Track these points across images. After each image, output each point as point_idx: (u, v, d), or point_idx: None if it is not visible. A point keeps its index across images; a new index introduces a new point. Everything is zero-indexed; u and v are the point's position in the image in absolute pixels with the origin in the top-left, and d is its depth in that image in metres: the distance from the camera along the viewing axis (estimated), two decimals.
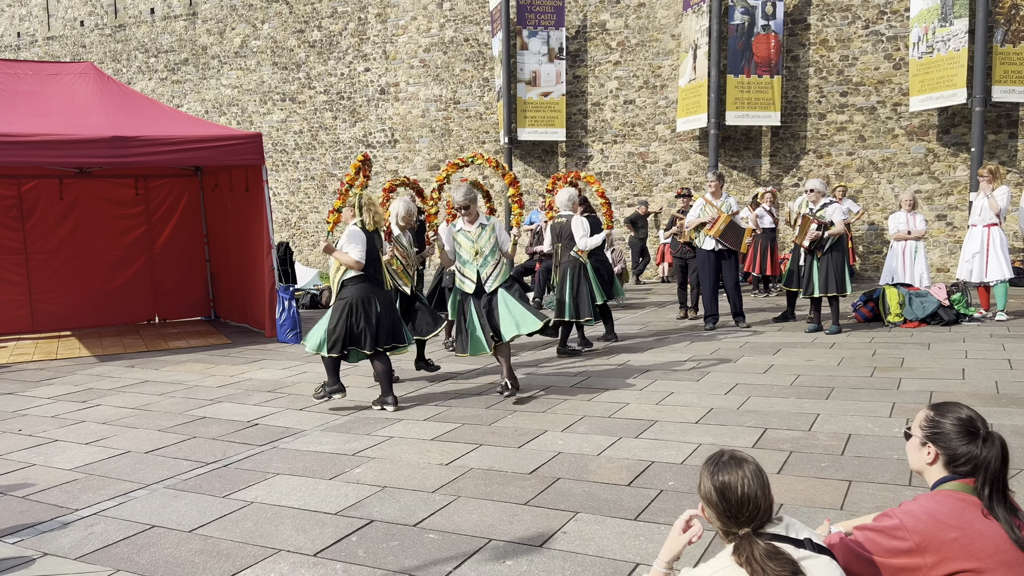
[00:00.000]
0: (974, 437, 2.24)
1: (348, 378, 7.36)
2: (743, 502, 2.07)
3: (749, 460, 2.14)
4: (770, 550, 2.02)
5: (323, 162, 19.27)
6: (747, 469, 2.10)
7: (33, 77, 10.40)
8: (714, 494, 2.10)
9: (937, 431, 2.29)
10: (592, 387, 6.76)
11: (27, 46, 22.69)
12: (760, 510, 2.08)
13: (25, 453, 5.36)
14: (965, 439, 2.24)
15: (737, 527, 2.09)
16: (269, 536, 3.80)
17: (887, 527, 2.20)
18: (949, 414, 2.29)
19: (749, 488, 2.07)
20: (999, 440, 2.24)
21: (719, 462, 2.15)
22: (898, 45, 13.97)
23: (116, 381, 7.73)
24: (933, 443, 2.29)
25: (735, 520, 2.09)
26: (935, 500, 2.22)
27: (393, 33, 18.01)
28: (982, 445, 2.22)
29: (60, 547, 3.76)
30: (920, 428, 2.34)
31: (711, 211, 9.44)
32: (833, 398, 6.03)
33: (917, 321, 9.24)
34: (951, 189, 13.80)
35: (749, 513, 2.07)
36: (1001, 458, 2.22)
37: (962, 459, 2.24)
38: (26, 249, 10.94)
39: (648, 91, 15.90)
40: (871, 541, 2.21)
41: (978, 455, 2.22)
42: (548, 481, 4.43)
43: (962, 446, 2.24)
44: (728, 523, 2.11)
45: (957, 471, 2.26)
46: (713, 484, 2.11)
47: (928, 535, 2.14)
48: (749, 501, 2.07)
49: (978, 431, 2.24)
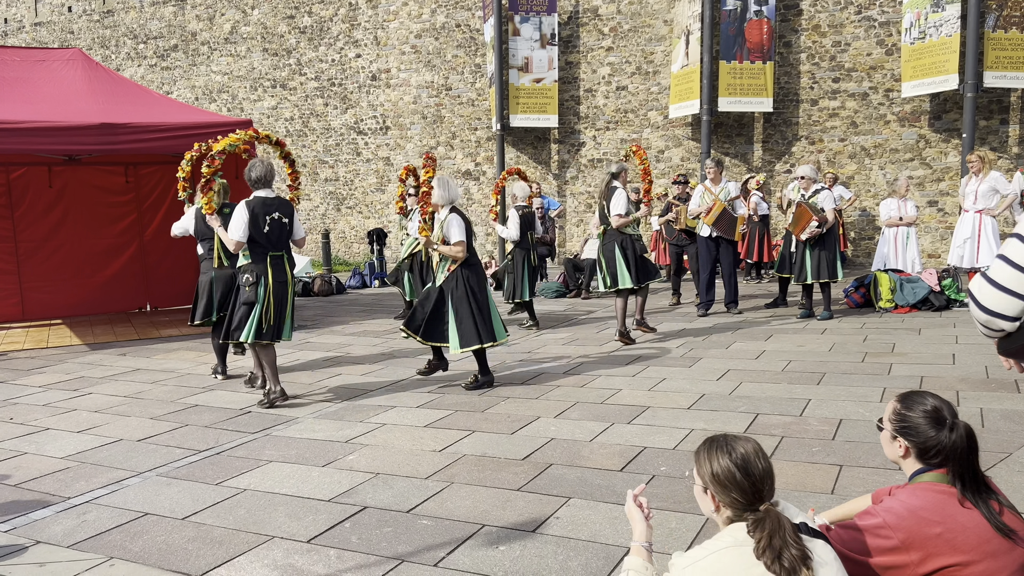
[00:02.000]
0: (940, 427, 2.24)
1: (344, 368, 7.35)
2: (765, 475, 2.06)
3: (750, 439, 2.15)
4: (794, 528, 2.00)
5: (314, 149, 19.17)
6: (754, 446, 2.11)
7: (21, 63, 10.30)
8: (737, 472, 2.05)
9: (905, 424, 2.30)
10: (584, 373, 6.77)
11: (14, 32, 22.45)
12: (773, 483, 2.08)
13: (17, 442, 5.34)
14: (932, 430, 2.25)
15: (760, 502, 2.05)
16: (263, 523, 3.81)
17: (870, 526, 2.20)
18: (916, 406, 2.30)
19: (765, 463, 2.08)
20: (964, 427, 2.25)
21: (726, 442, 2.12)
22: (890, 31, 13.96)
23: (108, 369, 7.71)
24: (903, 436, 2.30)
25: (758, 495, 2.04)
26: (915, 495, 2.22)
27: (384, 19, 17.89)
28: (948, 434, 2.23)
29: (53, 535, 3.75)
30: (890, 421, 2.35)
31: (710, 198, 9.45)
32: (824, 383, 6.06)
33: (908, 307, 9.28)
34: (942, 175, 13.83)
35: (770, 487, 2.06)
36: (967, 446, 2.23)
37: (932, 450, 2.25)
38: (15, 237, 10.86)
39: (640, 77, 15.85)
40: (855, 540, 2.21)
41: (946, 445, 2.23)
42: (541, 467, 4.44)
43: (931, 438, 2.25)
44: (751, 499, 2.05)
45: (930, 462, 2.27)
46: (733, 461, 2.06)
47: (911, 532, 2.14)
48: (769, 474, 2.07)
49: (944, 420, 2.25)
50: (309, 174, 19.35)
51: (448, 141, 17.63)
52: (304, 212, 19.59)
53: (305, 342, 8.80)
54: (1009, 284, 2.32)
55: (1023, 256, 2.31)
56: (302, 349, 8.37)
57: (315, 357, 7.92)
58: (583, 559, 3.30)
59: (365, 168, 18.72)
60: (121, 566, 3.41)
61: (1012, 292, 2.31)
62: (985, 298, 2.37)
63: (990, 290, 2.35)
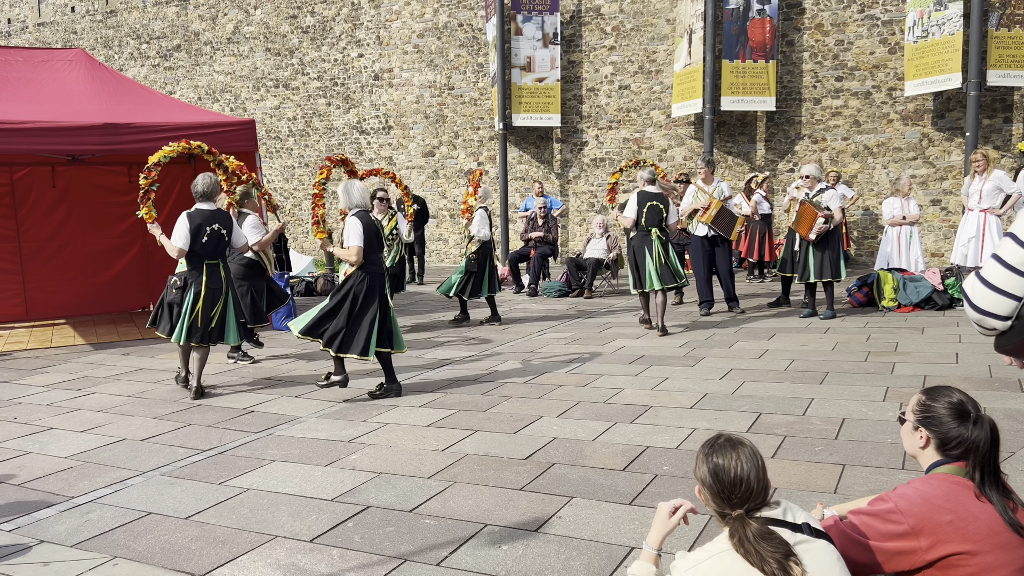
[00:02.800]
0: (964, 420, 2.24)
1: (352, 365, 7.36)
2: (735, 483, 2.09)
3: (745, 443, 2.16)
4: (763, 531, 2.03)
5: (317, 148, 19.18)
6: (742, 451, 2.12)
7: (24, 64, 10.31)
8: (708, 475, 2.13)
9: (928, 415, 2.30)
10: (587, 372, 6.77)
11: (17, 32, 22.49)
12: (753, 492, 2.09)
13: (20, 441, 5.35)
14: (955, 422, 2.25)
15: (730, 508, 2.11)
16: (266, 522, 3.81)
17: (882, 511, 2.21)
18: (941, 398, 2.30)
19: (742, 470, 2.09)
20: (989, 422, 2.25)
21: (715, 444, 2.18)
22: (893, 29, 13.93)
23: (111, 369, 7.72)
24: (925, 427, 2.30)
25: (727, 501, 2.11)
26: (929, 483, 2.23)
27: (387, 18, 17.89)
28: (972, 427, 2.23)
29: (57, 534, 3.76)
30: (913, 413, 2.35)
31: (703, 198, 9.46)
32: (827, 383, 6.06)
33: (911, 306, 9.27)
34: (945, 174, 13.80)
35: (741, 495, 2.09)
36: (990, 440, 2.23)
37: (953, 442, 2.25)
38: (19, 237, 10.88)
39: (643, 76, 15.84)
40: (866, 525, 2.22)
41: (968, 437, 2.23)
42: (543, 466, 4.44)
43: (952, 429, 2.25)
44: (721, 504, 2.13)
45: (949, 454, 2.27)
46: (708, 465, 2.14)
47: (923, 518, 2.15)
48: (741, 483, 2.09)
49: (968, 414, 2.25)
50: (312, 174, 19.36)
51: (451, 141, 17.63)
52: (307, 211, 19.60)
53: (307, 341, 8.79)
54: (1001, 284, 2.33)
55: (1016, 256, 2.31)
56: (304, 348, 8.38)
57: (317, 356, 7.93)
58: (586, 559, 3.30)
59: (368, 168, 18.71)
60: (124, 565, 3.41)
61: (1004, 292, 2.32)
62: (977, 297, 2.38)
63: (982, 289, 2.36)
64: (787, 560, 1.99)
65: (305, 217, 19.63)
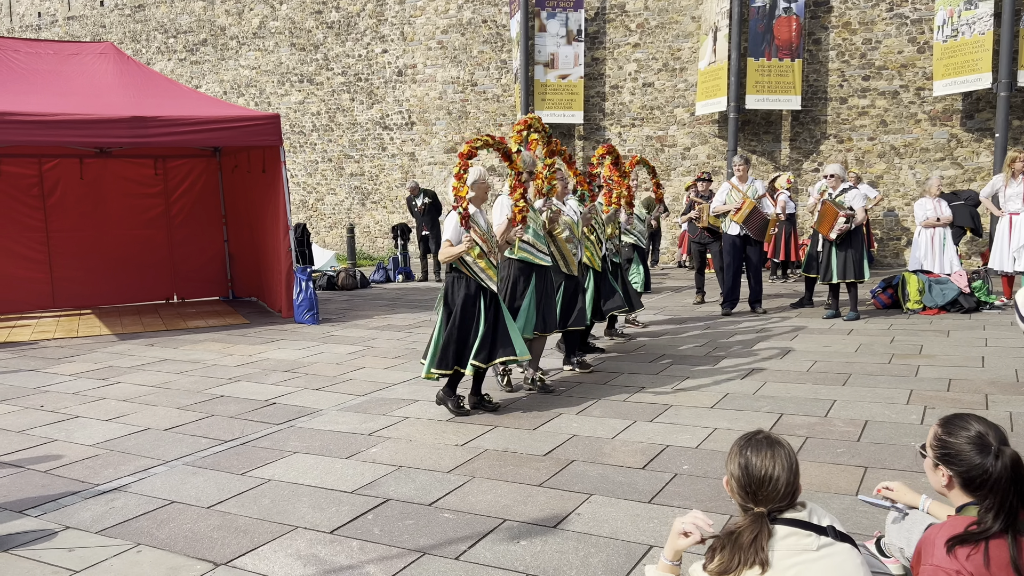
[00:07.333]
0: (985, 454, 2.09)
1: (368, 360, 7.37)
2: (763, 481, 2.09)
3: (783, 444, 2.16)
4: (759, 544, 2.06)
5: (340, 144, 19.28)
6: (778, 452, 2.12)
7: (54, 57, 10.46)
8: (738, 468, 2.15)
9: (946, 451, 2.16)
10: (607, 370, 6.76)
11: (48, 26, 22.80)
12: (779, 495, 2.09)
13: (47, 428, 5.44)
14: (977, 457, 2.10)
15: (754, 504, 2.11)
16: (286, 513, 3.85)
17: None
18: (958, 432, 2.14)
19: (773, 470, 2.09)
20: (1011, 456, 2.08)
21: (752, 439, 2.19)
22: (922, 28, 13.75)
23: (136, 359, 7.82)
24: (945, 464, 2.17)
25: (752, 497, 2.11)
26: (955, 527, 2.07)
27: (411, 14, 17.93)
28: (993, 462, 2.07)
29: (82, 521, 3.82)
30: (931, 448, 2.22)
31: (736, 196, 9.35)
32: (850, 384, 6.00)
33: (937, 308, 9.15)
34: (974, 175, 13.61)
35: (767, 494, 2.08)
36: (1011, 477, 2.05)
37: (977, 480, 2.09)
38: (47, 227, 11.06)
39: (667, 74, 15.76)
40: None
41: (992, 474, 2.07)
42: (562, 463, 4.44)
43: (975, 466, 2.09)
44: (746, 499, 2.13)
45: (976, 494, 2.10)
46: (740, 458, 2.15)
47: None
48: (769, 482, 2.08)
49: (989, 447, 2.09)
50: (335, 168, 19.47)
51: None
52: (329, 206, 19.72)
53: (329, 335, 8.86)
54: None
55: None
56: (327, 342, 8.43)
57: (339, 350, 7.98)
58: (604, 556, 3.30)
59: (390, 163, 18.79)
60: (148, 552, 3.46)
61: None
62: None
63: None
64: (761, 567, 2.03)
65: (328, 212, 19.75)
